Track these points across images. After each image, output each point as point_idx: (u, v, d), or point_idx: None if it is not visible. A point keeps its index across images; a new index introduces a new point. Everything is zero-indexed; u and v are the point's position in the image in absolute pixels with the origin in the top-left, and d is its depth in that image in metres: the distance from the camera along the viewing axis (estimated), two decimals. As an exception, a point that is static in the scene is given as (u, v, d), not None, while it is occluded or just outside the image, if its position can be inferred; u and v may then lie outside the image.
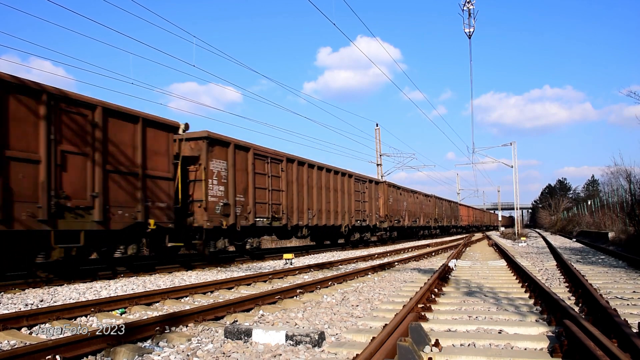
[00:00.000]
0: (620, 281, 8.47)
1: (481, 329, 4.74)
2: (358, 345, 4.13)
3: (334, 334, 4.75)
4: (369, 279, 9.62)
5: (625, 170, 26.62)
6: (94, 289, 8.17)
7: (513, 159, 36.74)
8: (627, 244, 18.55)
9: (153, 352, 4.11)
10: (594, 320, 4.66)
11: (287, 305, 6.44)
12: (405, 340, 3.50)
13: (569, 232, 41.47)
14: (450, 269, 10.38)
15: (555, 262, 12.35)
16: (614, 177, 32.61)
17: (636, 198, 21.88)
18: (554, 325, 4.70)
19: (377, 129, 36.62)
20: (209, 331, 4.94)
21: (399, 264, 13.09)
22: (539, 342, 4.16)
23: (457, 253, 15.49)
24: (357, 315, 5.72)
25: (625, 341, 3.62)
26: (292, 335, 4.33)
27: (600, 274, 9.68)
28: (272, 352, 4.08)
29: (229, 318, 5.64)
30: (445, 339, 4.25)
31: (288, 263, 12.38)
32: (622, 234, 21.79)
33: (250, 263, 13.69)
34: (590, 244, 22.24)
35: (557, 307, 5.11)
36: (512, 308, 5.84)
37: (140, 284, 8.87)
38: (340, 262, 13.34)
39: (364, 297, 7.10)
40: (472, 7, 12.23)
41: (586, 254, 15.74)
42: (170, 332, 4.79)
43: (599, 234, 26.61)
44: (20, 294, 7.65)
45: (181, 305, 6.65)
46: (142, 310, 6.27)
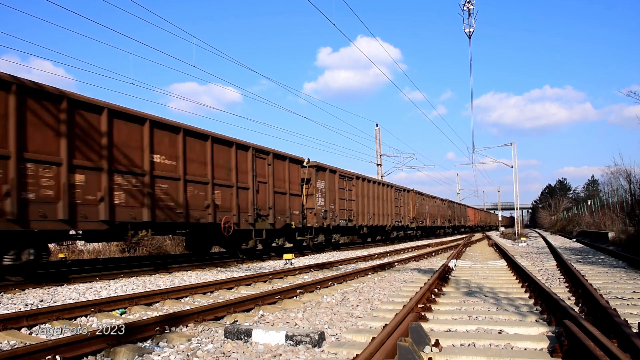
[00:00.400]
0: (620, 281, 8.47)
1: (481, 329, 4.75)
2: (358, 346, 4.13)
3: (334, 334, 4.75)
4: (369, 279, 9.62)
5: (625, 170, 26.64)
6: (94, 289, 8.17)
7: (513, 159, 36.80)
8: (627, 244, 18.55)
9: (153, 352, 4.11)
10: (594, 321, 4.66)
11: (287, 306, 6.44)
12: (405, 341, 3.50)
13: (569, 232, 41.47)
14: (450, 269, 10.38)
15: (555, 262, 12.35)
16: (614, 177, 32.67)
17: (636, 198, 21.88)
18: (554, 326, 4.70)
19: (377, 129, 36.64)
20: (209, 331, 4.93)
21: (399, 264, 13.08)
22: (539, 342, 4.16)
23: (457, 253, 15.49)
24: (357, 316, 5.72)
25: (625, 341, 3.62)
26: (292, 336, 4.33)
27: (600, 274, 9.68)
28: (272, 352, 4.08)
29: (229, 318, 5.63)
30: (445, 339, 4.25)
31: (288, 263, 12.36)
32: (622, 234, 21.79)
33: (250, 263, 13.70)
34: (590, 244, 22.24)
35: (557, 307, 5.11)
36: (512, 308, 5.84)
37: (140, 284, 8.87)
38: (340, 262, 13.33)
39: (364, 297, 7.10)
40: (472, 7, 12.24)
41: (586, 254, 15.74)
42: (170, 332, 4.79)
43: (599, 234, 26.61)
44: (20, 294, 7.65)
45: (181, 306, 6.65)
46: (142, 311, 6.27)
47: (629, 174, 25.23)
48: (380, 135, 36.62)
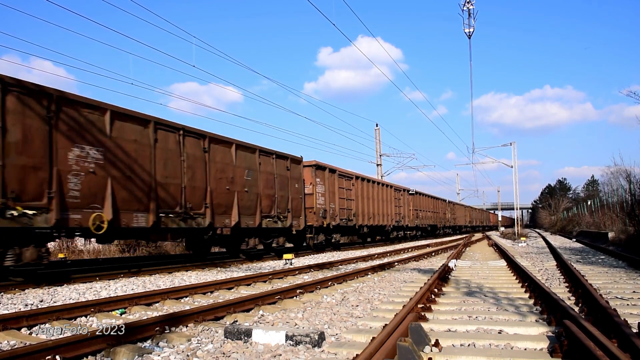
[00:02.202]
0: (620, 281, 8.47)
1: (481, 329, 4.74)
2: (358, 346, 4.12)
3: (333, 334, 4.75)
4: (369, 279, 9.62)
5: (625, 170, 26.63)
6: (93, 289, 8.18)
7: (513, 159, 36.79)
8: (627, 244, 18.54)
9: (153, 352, 4.11)
10: (593, 321, 4.66)
11: (287, 306, 6.44)
12: (405, 341, 3.50)
13: (569, 232, 41.45)
14: (450, 269, 10.38)
15: (555, 262, 12.35)
16: (614, 177, 32.64)
17: (636, 198, 21.87)
18: (553, 326, 4.70)
19: (376, 129, 36.64)
20: (209, 331, 4.93)
21: (399, 264, 13.08)
22: (538, 342, 4.16)
23: (457, 253, 15.48)
24: (357, 316, 5.71)
25: (625, 341, 3.62)
26: (292, 336, 4.33)
27: (600, 274, 9.68)
28: (272, 352, 4.08)
29: (228, 318, 5.63)
30: (445, 339, 4.25)
31: (288, 263, 12.36)
32: (622, 234, 21.77)
33: (250, 263, 13.70)
34: (590, 244, 22.24)
35: (557, 307, 5.11)
36: (512, 308, 5.84)
37: (140, 284, 8.87)
38: (340, 262, 13.33)
39: (364, 297, 7.10)
40: (472, 7, 12.24)
41: (586, 254, 15.74)
42: (170, 332, 4.79)
43: (599, 234, 26.60)
44: (20, 294, 7.65)
45: (181, 306, 6.65)
46: (142, 311, 6.27)
47: (629, 174, 25.24)
48: (380, 135, 36.65)
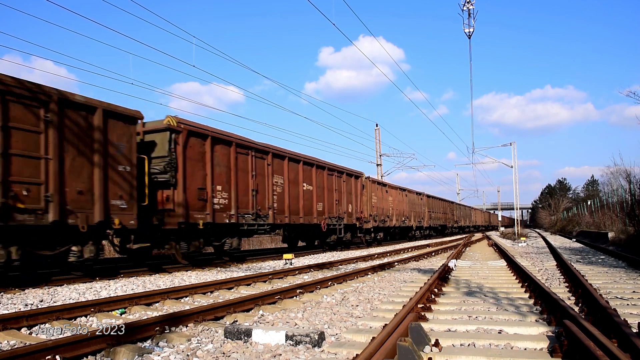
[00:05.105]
0: (620, 281, 8.47)
1: (481, 329, 4.74)
2: (358, 345, 4.12)
3: (333, 334, 4.75)
4: (369, 279, 9.62)
5: (625, 170, 26.65)
6: (93, 289, 8.17)
7: (513, 159, 36.77)
8: (627, 244, 18.55)
9: (153, 352, 4.11)
10: (593, 320, 4.66)
11: (287, 306, 6.44)
12: (405, 340, 3.50)
13: (569, 232, 41.45)
14: (450, 269, 10.38)
15: (555, 262, 12.35)
16: (614, 177, 32.68)
17: (636, 198, 21.88)
18: (553, 325, 4.70)
19: (376, 129, 36.64)
20: (209, 331, 4.93)
21: (399, 264, 13.08)
22: (538, 342, 4.16)
23: (457, 253, 15.48)
24: (357, 315, 5.71)
25: (625, 341, 3.62)
26: (292, 336, 4.33)
27: (600, 274, 9.68)
28: (272, 352, 4.08)
29: (228, 318, 5.63)
30: (445, 339, 4.25)
31: (288, 263, 12.36)
32: (621, 234, 21.78)
33: (251, 263, 13.69)
34: (590, 244, 22.23)
35: (557, 307, 5.11)
36: (512, 308, 5.84)
37: (140, 284, 8.87)
38: (340, 262, 13.33)
39: (364, 297, 7.10)
40: (472, 7, 12.24)
41: (586, 254, 15.74)
42: (170, 332, 4.79)
43: (599, 234, 26.60)
44: (20, 294, 7.65)
45: (181, 306, 6.65)
46: (142, 311, 6.27)
47: (629, 174, 25.27)
48: (380, 135, 36.65)
